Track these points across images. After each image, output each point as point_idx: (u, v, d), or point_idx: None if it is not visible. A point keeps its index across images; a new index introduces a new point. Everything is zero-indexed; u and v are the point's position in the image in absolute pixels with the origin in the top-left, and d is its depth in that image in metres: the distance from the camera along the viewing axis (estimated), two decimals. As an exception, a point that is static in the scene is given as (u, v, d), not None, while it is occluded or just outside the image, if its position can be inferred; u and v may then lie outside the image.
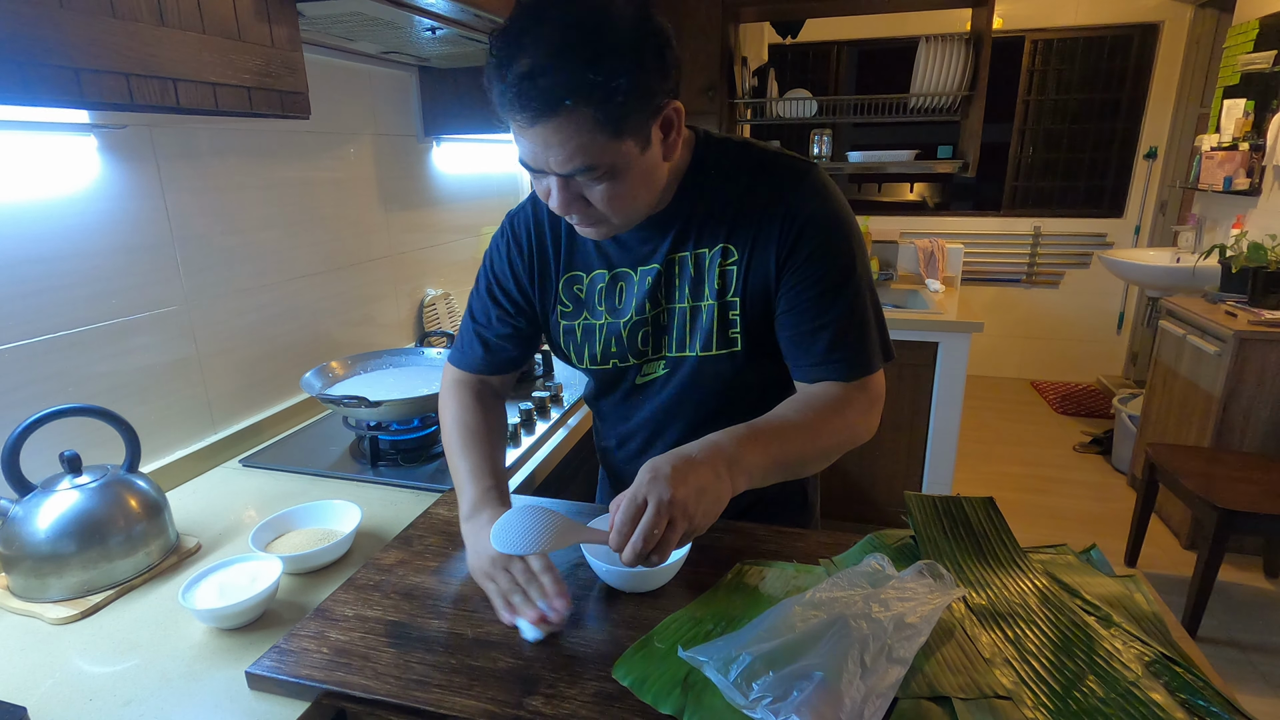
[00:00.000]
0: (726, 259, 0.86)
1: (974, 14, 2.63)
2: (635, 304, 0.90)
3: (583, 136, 0.69)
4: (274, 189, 1.41)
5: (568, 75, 0.65)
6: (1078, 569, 0.82)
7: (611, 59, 0.66)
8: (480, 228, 2.25)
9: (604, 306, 0.92)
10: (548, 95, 0.66)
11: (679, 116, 0.76)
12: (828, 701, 0.59)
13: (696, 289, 0.88)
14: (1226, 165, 3.05)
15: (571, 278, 0.94)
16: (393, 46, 1.49)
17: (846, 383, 0.85)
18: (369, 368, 1.46)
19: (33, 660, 0.77)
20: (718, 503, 0.69)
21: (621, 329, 0.92)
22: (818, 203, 0.83)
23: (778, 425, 0.79)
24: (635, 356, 0.93)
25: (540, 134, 0.69)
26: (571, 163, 0.71)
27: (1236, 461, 2.24)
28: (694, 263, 0.87)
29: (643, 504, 0.66)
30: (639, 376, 0.95)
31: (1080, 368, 4.48)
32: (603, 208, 0.76)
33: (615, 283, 0.91)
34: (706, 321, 0.88)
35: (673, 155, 0.79)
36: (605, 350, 0.94)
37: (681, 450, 0.72)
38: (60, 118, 1.01)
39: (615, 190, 0.74)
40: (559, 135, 0.69)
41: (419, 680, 0.67)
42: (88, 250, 1.06)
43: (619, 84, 0.67)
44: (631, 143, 0.72)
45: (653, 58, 0.69)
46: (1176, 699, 0.62)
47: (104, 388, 1.10)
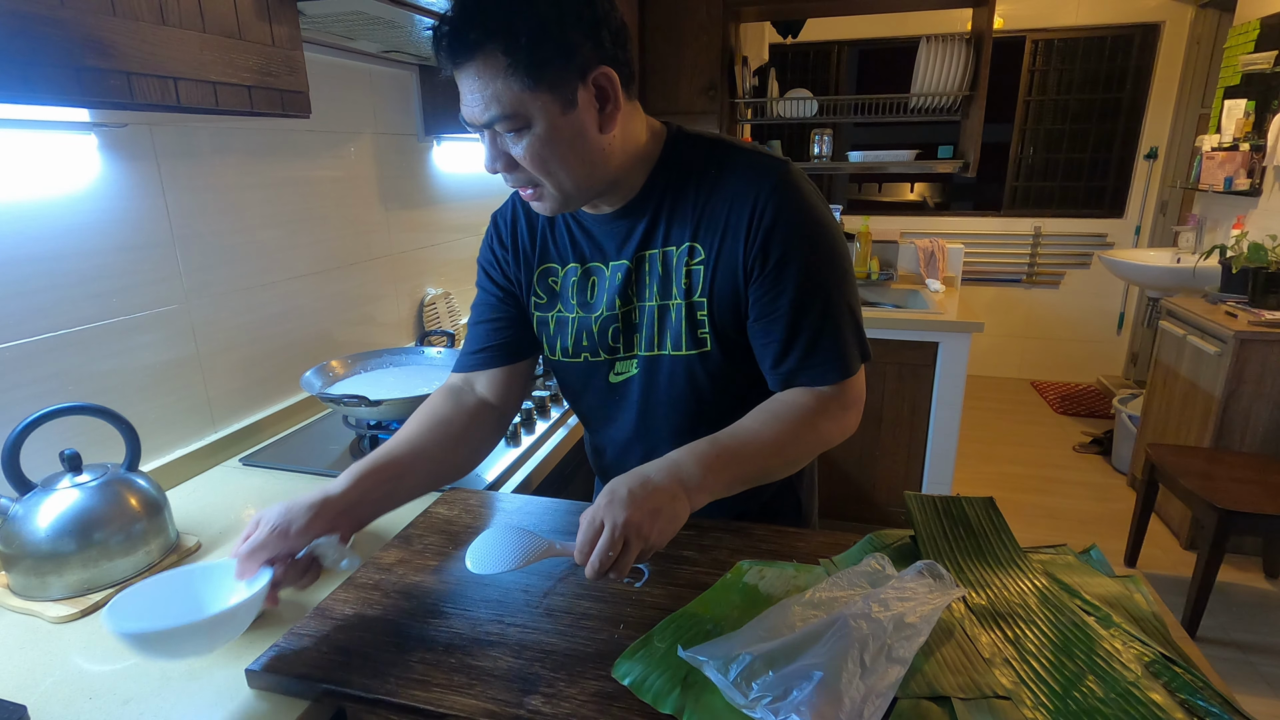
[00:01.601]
0: (693, 258, 0.84)
1: (974, 14, 2.63)
2: (606, 299, 0.89)
3: (498, 83, 0.70)
4: (274, 188, 1.41)
5: (483, 18, 0.68)
6: (1077, 569, 0.82)
7: (532, 7, 0.69)
8: (480, 227, 2.23)
9: (576, 300, 0.92)
10: (464, 37, 0.69)
11: (613, 84, 0.75)
12: (827, 701, 0.59)
13: (665, 288, 0.86)
14: (1227, 165, 3.05)
15: (546, 270, 0.94)
16: (393, 45, 1.49)
17: (826, 387, 0.84)
18: (369, 367, 1.46)
19: (32, 659, 0.77)
20: (674, 522, 0.71)
21: (592, 324, 0.91)
22: (785, 202, 0.80)
23: (742, 441, 0.79)
24: (606, 352, 0.93)
25: (463, 82, 0.72)
26: (488, 111, 0.72)
27: (1236, 462, 2.24)
28: (662, 261, 0.86)
29: (600, 526, 0.68)
30: (612, 374, 0.94)
31: (1080, 368, 4.48)
32: (528, 167, 0.76)
33: (587, 277, 0.91)
34: (676, 321, 0.87)
35: (611, 128, 0.77)
36: (576, 344, 0.94)
37: (641, 471, 0.73)
38: (60, 116, 1.01)
39: (535, 148, 0.74)
40: (477, 81, 0.71)
41: (419, 679, 0.67)
42: (88, 249, 1.06)
43: (526, 25, 0.68)
44: (549, 98, 0.72)
45: (572, 9, 0.70)
46: (1176, 699, 0.62)
47: (104, 386, 1.10)
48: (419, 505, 1.07)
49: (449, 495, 1.06)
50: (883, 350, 2.42)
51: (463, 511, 1.01)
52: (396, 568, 0.87)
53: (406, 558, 0.89)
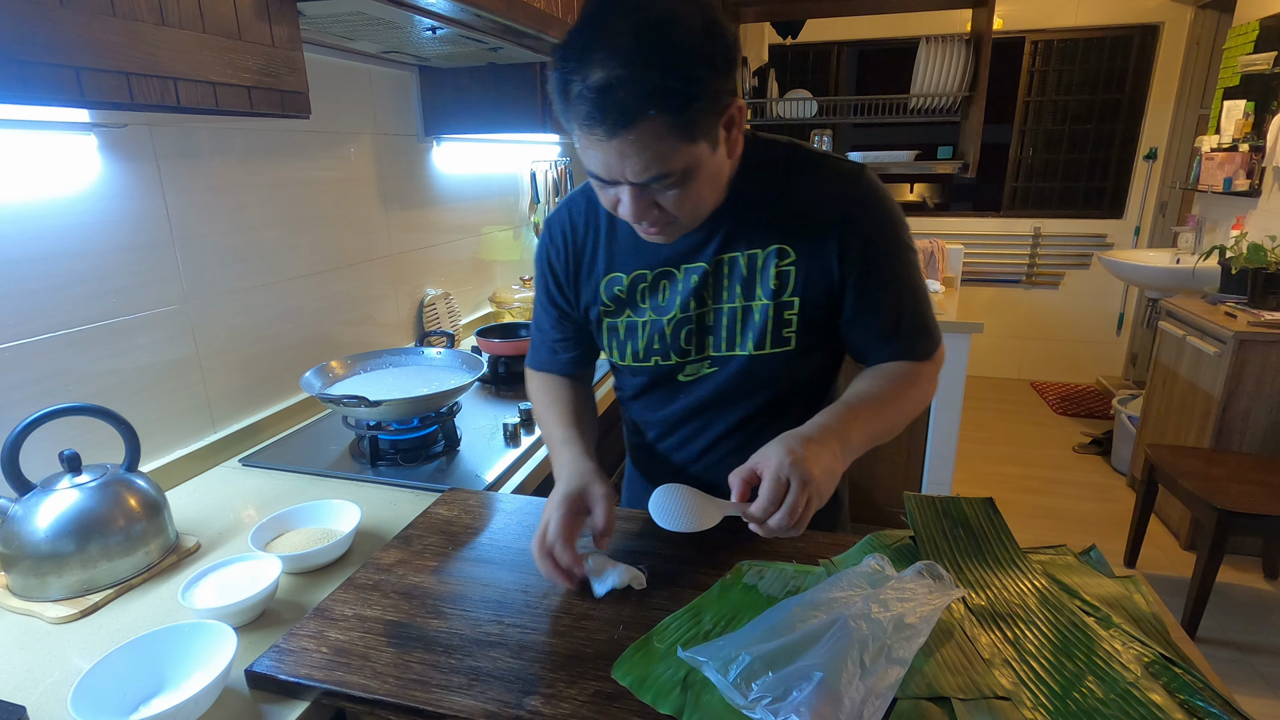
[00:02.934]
0: (783, 259, 0.86)
1: (974, 14, 2.63)
2: (680, 302, 0.90)
3: (660, 144, 0.68)
4: (274, 188, 1.41)
5: (646, 85, 0.65)
6: (1077, 570, 0.82)
7: (686, 65, 0.66)
8: (480, 228, 2.25)
9: (647, 304, 0.92)
10: (625, 106, 0.65)
11: (741, 114, 0.76)
12: (827, 701, 0.59)
13: (749, 289, 0.88)
14: (1226, 166, 3.05)
15: (613, 279, 0.93)
16: (393, 46, 1.49)
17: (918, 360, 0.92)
18: (369, 367, 1.46)
19: (32, 659, 0.77)
20: (836, 479, 0.76)
21: (665, 326, 0.92)
22: (873, 204, 0.85)
23: (870, 402, 0.85)
24: (678, 355, 0.93)
25: (617, 146, 0.68)
26: (648, 171, 0.70)
27: (1236, 462, 2.24)
28: (746, 263, 0.87)
29: (786, 483, 0.71)
30: (682, 375, 0.95)
31: (1080, 368, 4.48)
32: (674, 211, 0.76)
33: (658, 281, 0.91)
34: (759, 321, 0.88)
35: (735, 153, 0.79)
36: (648, 347, 0.94)
37: (801, 433, 0.76)
38: (60, 117, 1.01)
39: (687, 193, 0.75)
40: (636, 146, 0.68)
41: (418, 680, 0.67)
42: (88, 249, 1.06)
43: (696, 89, 0.66)
44: (705, 144, 0.72)
45: (723, 60, 0.69)
46: (1176, 699, 0.62)
47: (104, 387, 1.10)
48: (418, 505, 1.07)
49: (449, 496, 1.06)
50: (882, 351, 2.42)
51: (462, 512, 1.01)
52: (396, 568, 0.87)
53: (406, 558, 0.89)
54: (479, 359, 1.45)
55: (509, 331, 1.83)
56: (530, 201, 2.53)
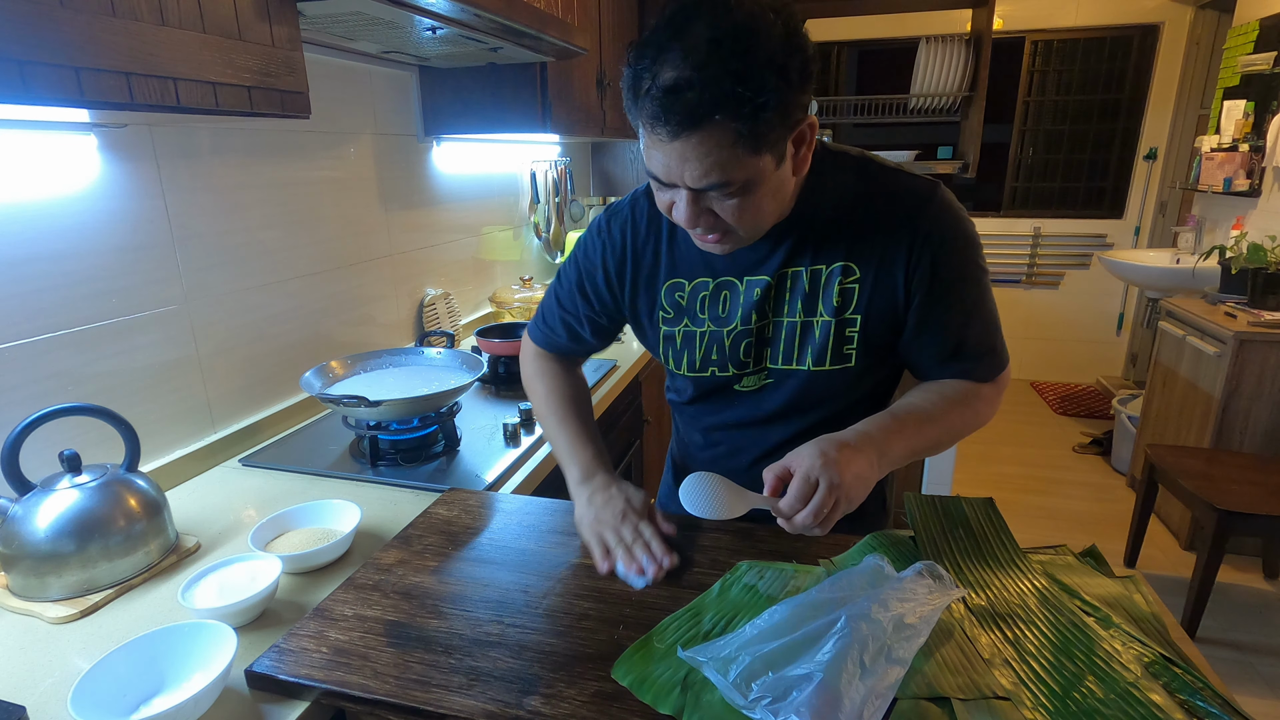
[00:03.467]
0: (847, 277, 0.84)
1: (974, 15, 2.63)
2: (741, 314, 0.89)
3: (723, 151, 0.68)
4: (274, 188, 1.41)
5: (716, 89, 0.64)
6: (1077, 570, 0.82)
7: (761, 74, 0.64)
8: (480, 228, 2.25)
9: (706, 314, 0.91)
10: (693, 109, 0.65)
11: (813, 131, 0.75)
12: (827, 702, 0.59)
13: (810, 304, 0.86)
14: (1226, 166, 3.05)
15: (674, 284, 0.92)
16: (393, 46, 1.49)
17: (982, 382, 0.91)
18: (369, 367, 1.46)
19: (32, 659, 0.77)
20: (868, 485, 0.77)
21: (725, 338, 0.90)
22: (946, 224, 0.83)
23: (916, 416, 0.85)
24: (736, 367, 0.92)
25: (679, 148, 0.68)
26: (708, 178, 0.70)
27: (1236, 462, 2.24)
28: (809, 278, 0.86)
29: (814, 483, 0.73)
30: (739, 385, 0.94)
31: (1080, 368, 4.48)
32: (731, 221, 0.75)
33: (719, 291, 0.90)
34: (820, 337, 0.87)
35: (803, 170, 0.78)
36: (705, 358, 0.93)
37: (839, 438, 0.77)
38: (60, 117, 1.01)
39: (746, 204, 0.73)
40: (699, 150, 0.67)
41: (418, 680, 0.67)
42: (88, 249, 1.06)
43: (766, 100, 0.65)
44: (770, 158, 0.71)
45: (798, 74, 0.67)
46: (1176, 700, 0.62)
47: (104, 387, 1.10)
48: (418, 505, 1.07)
49: (449, 496, 1.06)
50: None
51: (462, 512, 1.01)
52: (396, 568, 0.87)
53: (406, 558, 0.89)
54: (479, 359, 1.45)
55: (509, 331, 1.83)
56: (530, 201, 2.53)
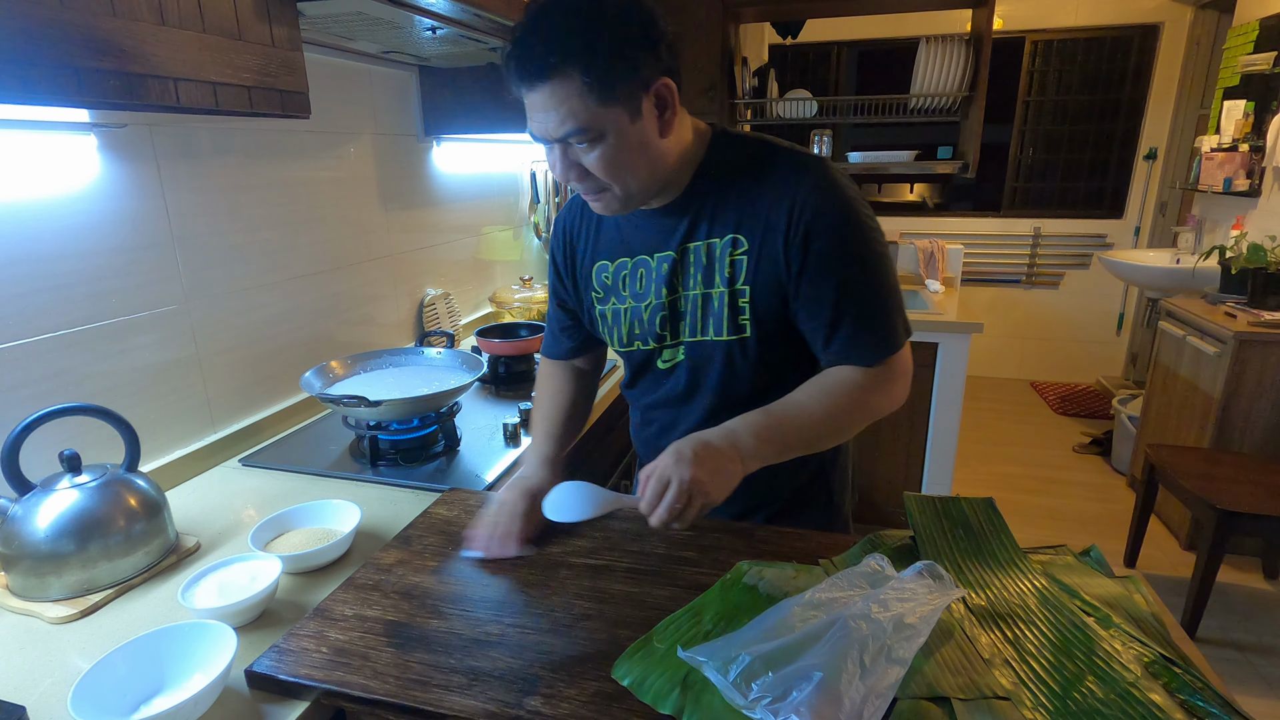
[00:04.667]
0: (736, 249, 0.89)
1: (974, 14, 2.63)
2: (654, 289, 0.95)
3: (573, 100, 0.75)
4: (274, 189, 1.41)
5: (556, 41, 0.74)
6: (1077, 570, 0.82)
7: (595, 26, 0.74)
8: (480, 228, 2.25)
9: (628, 291, 0.98)
10: (541, 60, 0.74)
11: (672, 94, 0.81)
12: (827, 702, 0.59)
13: (709, 277, 0.92)
14: (1226, 166, 3.05)
15: (601, 266, 1.00)
16: (393, 46, 1.49)
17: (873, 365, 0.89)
18: (369, 367, 1.46)
19: (32, 659, 0.77)
20: (731, 481, 0.80)
21: (643, 312, 0.97)
22: (823, 194, 0.85)
23: (793, 413, 0.87)
24: (655, 340, 0.98)
25: (538, 101, 0.77)
26: (564, 126, 0.77)
27: (1236, 462, 2.24)
28: (706, 252, 0.91)
29: (667, 482, 0.77)
30: (660, 360, 1.00)
31: (1080, 368, 4.48)
32: (599, 174, 0.81)
33: (636, 269, 0.97)
34: (719, 308, 0.92)
35: (669, 133, 0.83)
36: (630, 333, 1.00)
37: (701, 436, 0.81)
38: (60, 116, 1.01)
39: (607, 156, 0.80)
40: (552, 99, 0.76)
41: (418, 680, 0.67)
42: (88, 249, 1.06)
43: (601, 48, 0.74)
44: (621, 110, 0.78)
45: (638, 30, 0.76)
46: (1176, 700, 0.62)
47: (104, 387, 1.10)
48: (418, 505, 1.07)
49: (449, 496, 1.06)
50: (882, 351, 2.42)
51: (462, 512, 1.01)
52: (396, 568, 0.87)
53: (406, 558, 0.89)
54: (479, 359, 1.45)
55: (509, 331, 1.83)
56: (530, 201, 2.53)
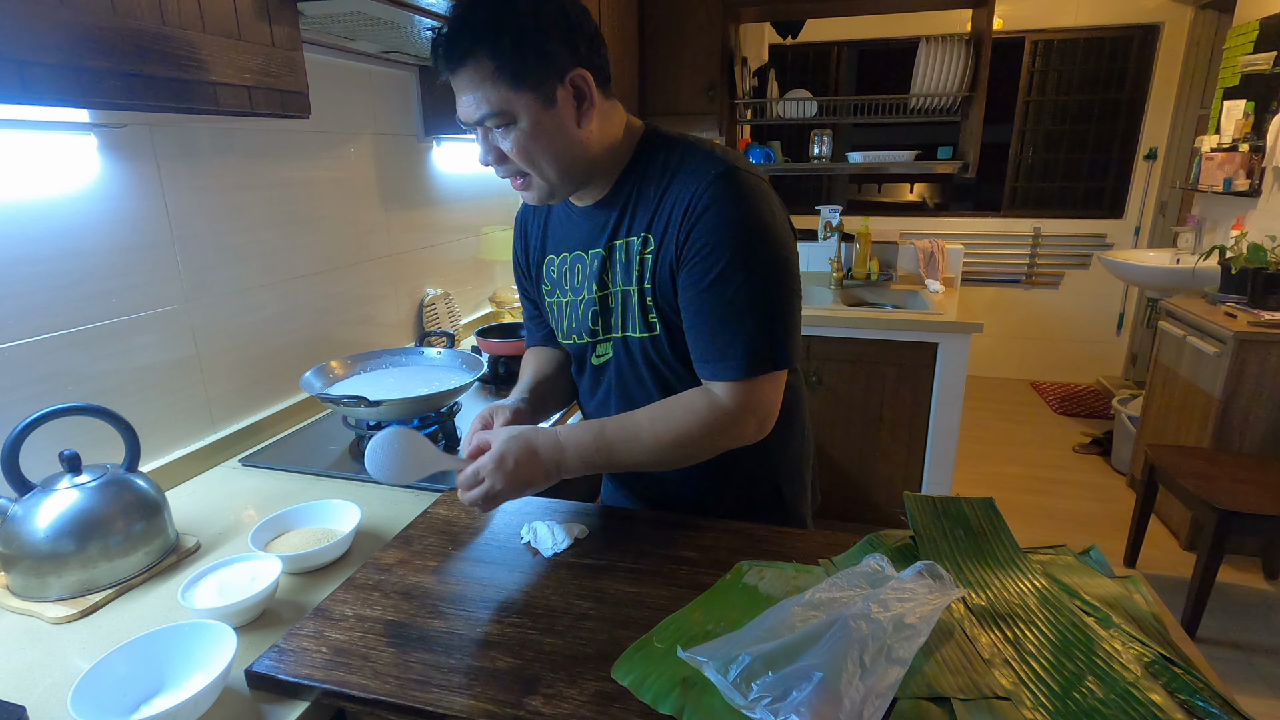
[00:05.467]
0: (645, 248, 0.91)
1: (974, 14, 2.63)
2: (587, 284, 0.98)
3: (486, 85, 0.79)
4: (274, 189, 1.41)
5: (470, 28, 0.78)
6: (1077, 570, 0.82)
7: (506, 14, 0.78)
8: (480, 228, 2.25)
9: (568, 285, 1.01)
10: (456, 45, 0.79)
11: (588, 85, 0.83)
12: (827, 702, 0.59)
13: (627, 274, 0.94)
14: (1226, 166, 3.05)
15: (549, 260, 1.03)
16: (393, 46, 1.49)
17: (720, 387, 0.87)
18: (369, 367, 1.46)
19: (32, 659, 0.77)
20: (535, 488, 0.87)
21: (579, 305, 1.00)
22: (717, 196, 0.83)
23: (627, 437, 0.88)
24: (589, 334, 1.00)
25: (458, 85, 0.81)
26: (479, 110, 0.81)
27: (1236, 462, 2.24)
28: (625, 249, 0.93)
29: (480, 480, 0.84)
30: (594, 356, 1.02)
31: (1080, 368, 4.48)
32: (515, 159, 0.85)
33: (575, 263, 0.99)
34: (636, 304, 0.94)
35: (587, 123, 0.85)
36: (568, 325, 1.02)
37: (533, 442, 0.87)
38: (60, 116, 1.01)
39: (521, 142, 0.83)
40: (469, 83, 0.80)
41: (418, 680, 0.67)
42: (88, 249, 1.06)
43: (509, 34, 0.77)
44: (532, 97, 0.80)
45: (551, 21, 0.79)
46: (1176, 700, 0.62)
47: (104, 387, 1.10)
48: (418, 505, 1.07)
49: (449, 496, 1.06)
50: (882, 351, 2.42)
51: (462, 512, 1.01)
52: (396, 568, 0.87)
53: (406, 558, 0.89)
54: (479, 359, 1.45)
55: (509, 331, 1.83)
56: (530, 201, 2.53)
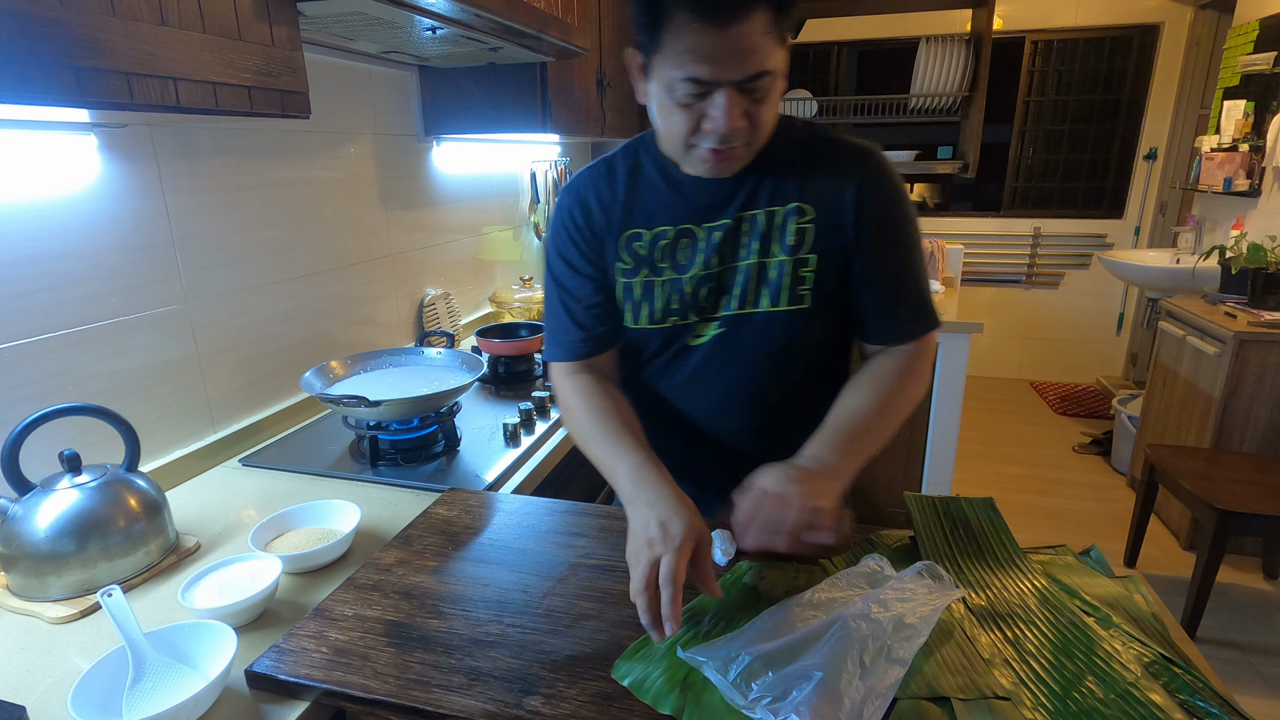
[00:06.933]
0: (802, 217, 0.89)
1: (974, 15, 2.63)
2: (702, 259, 0.91)
3: (762, 39, 0.74)
4: (274, 189, 1.41)
5: None
6: (1077, 570, 0.82)
7: None
8: (480, 227, 2.25)
9: (667, 263, 0.93)
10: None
11: None
12: (827, 701, 0.59)
13: (766, 245, 0.90)
14: (1226, 166, 3.05)
15: (633, 235, 0.93)
16: (393, 46, 1.49)
17: (911, 343, 0.93)
18: (369, 367, 1.46)
19: (32, 659, 0.77)
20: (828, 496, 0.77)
21: (685, 284, 0.92)
22: (886, 176, 0.90)
23: (864, 424, 0.87)
24: (695, 313, 0.93)
25: (729, 39, 0.72)
26: (755, 67, 0.75)
27: (1236, 462, 2.24)
28: (765, 219, 0.90)
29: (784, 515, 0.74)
30: (693, 336, 0.95)
31: (1080, 368, 4.48)
32: (762, 120, 0.80)
33: (680, 239, 0.92)
34: (776, 277, 0.90)
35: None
36: (666, 307, 0.93)
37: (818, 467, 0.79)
38: (60, 116, 1.01)
39: (769, 102, 0.80)
40: (746, 38, 0.73)
41: (418, 680, 0.67)
42: (87, 249, 1.06)
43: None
44: (784, 54, 0.78)
45: None
46: (1175, 700, 0.62)
47: (104, 387, 1.10)
48: (418, 505, 1.07)
49: (448, 496, 1.06)
50: (882, 351, 2.42)
51: (462, 512, 1.01)
52: (396, 568, 0.87)
53: (406, 558, 0.89)
54: (479, 359, 1.45)
55: (509, 331, 1.83)
56: (530, 201, 2.53)
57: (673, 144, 0.85)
